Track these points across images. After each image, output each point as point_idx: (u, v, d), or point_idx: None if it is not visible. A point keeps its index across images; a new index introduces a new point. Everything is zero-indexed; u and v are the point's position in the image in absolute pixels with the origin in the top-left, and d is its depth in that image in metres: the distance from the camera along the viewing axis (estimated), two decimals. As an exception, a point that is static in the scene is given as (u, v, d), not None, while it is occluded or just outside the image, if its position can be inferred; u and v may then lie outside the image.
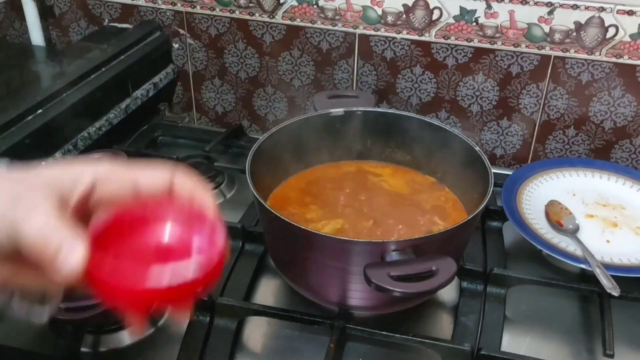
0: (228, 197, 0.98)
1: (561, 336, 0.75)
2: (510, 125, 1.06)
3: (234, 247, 0.83)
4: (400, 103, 1.09)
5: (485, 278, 0.79)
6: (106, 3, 1.15)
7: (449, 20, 1.00)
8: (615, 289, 0.72)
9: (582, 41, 0.96)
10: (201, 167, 1.00)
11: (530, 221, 0.85)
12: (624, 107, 1.00)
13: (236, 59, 1.13)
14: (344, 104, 0.88)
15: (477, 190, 0.75)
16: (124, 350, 0.72)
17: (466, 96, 1.06)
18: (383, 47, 1.05)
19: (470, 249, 0.82)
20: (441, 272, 0.60)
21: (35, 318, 0.49)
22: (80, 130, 0.95)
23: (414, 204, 0.82)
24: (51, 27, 1.21)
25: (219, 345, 0.70)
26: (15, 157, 0.82)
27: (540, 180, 0.94)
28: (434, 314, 0.77)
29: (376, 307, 0.73)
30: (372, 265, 0.61)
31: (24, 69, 1.07)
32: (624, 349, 0.72)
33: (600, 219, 0.88)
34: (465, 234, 0.73)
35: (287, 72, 1.12)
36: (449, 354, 0.69)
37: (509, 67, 1.01)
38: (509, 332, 0.74)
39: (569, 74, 0.99)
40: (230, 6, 1.08)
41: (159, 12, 1.13)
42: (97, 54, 1.04)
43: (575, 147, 1.06)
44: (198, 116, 1.22)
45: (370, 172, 0.88)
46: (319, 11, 1.05)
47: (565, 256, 0.79)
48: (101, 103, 1.00)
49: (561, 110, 1.03)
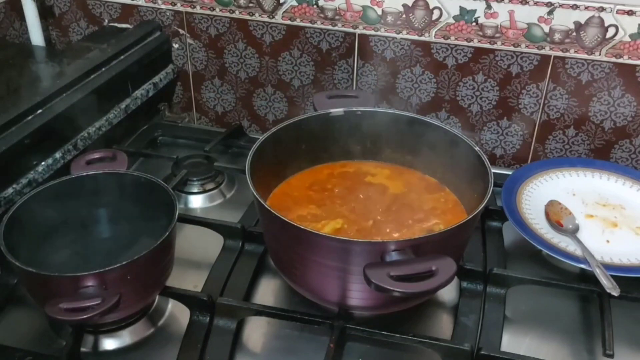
0: (228, 197, 0.98)
1: (561, 336, 0.75)
2: (510, 125, 1.07)
3: (234, 247, 0.83)
4: (400, 103, 1.09)
5: (485, 278, 0.79)
6: (106, 3, 1.15)
7: (449, 20, 1.00)
8: (615, 289, 0.72)
9: (582, 41, 0.96)
10: (201, 167, 1.00)
11: (530, 221, 0.85)
12: (624, 107, 1.00)
13: (236, 59, 1.13)
14: (344, 104, 0.88)
15: (477, 190, 0.75)
16: (124, 350, 0.72)
17: (466, 96, 1.06)
18: (383, 47, 1.05)
19: (470, 249, 0.82)
20: (441, 272, 0.60)
21: None
22: (80, 130, 0.95)
23: (414, 204, 0.82)
24: (51, 27, 1.21)
25: (219, 345, 0.70)
26: (15, 157, 0.82)
27: (540, 180, 0.94)
28: (434, 314, 0.77)
29: (376, 307, 0.73)
30: (372, 265, 0.61)
31: (24, 69, 1.07)
32: (624, 349, 0.72)
33: (600, 219, 0.88)
34: (465, 234, 0.73)
35: (287, 72, 1.12)
36: (448, 354, 0.69)
37: (508, 67, 1.01)
38: (509, 332, 0.74)
39: (569, 74, 0.99)
40: (230, 6, 1.08)
41: (159, 12, 1.13)
42: (97, 54, 1.04)
43: (575, 147, 1.06)
44: (198, 116, 1.22)
45: (370, 172, 0.88)
46: (319, 11, 1.05)
47: (565, 256, 0.79)
48: (101, 103, 1.00)
49: (561, 110, 1.03)
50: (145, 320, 0.75)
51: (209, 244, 0.83)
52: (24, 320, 0.76)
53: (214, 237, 0.84)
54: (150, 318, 0.75)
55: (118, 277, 0.65)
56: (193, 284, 0.78)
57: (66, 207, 0.76)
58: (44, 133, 0.86)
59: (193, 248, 0.85)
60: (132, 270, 0.66)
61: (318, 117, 0.86)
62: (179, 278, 0.77)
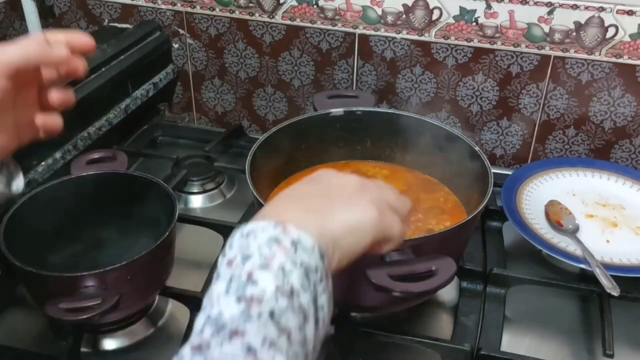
0: (228, 197, 0.98)
1: (561, 336, 0.75)
2: (510, 125, 1.06)
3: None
4: (400, 103, 1.09)
5: (485, 278, 0.79)
6: (106, 3, 1.15)
7: (449, 20, 1.00)
8: (615, 289, 0.72)
9: (582, 41, 0.96)
10: (201, 167, 1.00)
11: (530, 221, 0.85)
12: (624, 107, 1.00)
13: (236, 59, 1.13)
14: (343, 104, 0.88)
15: (477, 190, 0.75)
16: (124, 350, 0.72)
17: (466, 96, 1.06)
18: (383, 47, 1.05)
19: (470, 249, 0.82)
20: (441, 272, 0.60)
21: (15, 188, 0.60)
22: (80, 130, 0.95)
23: (414, 204, 0.82)
24: (51, 27, 1.21)
25: (219, 345, 0.70)
26: (15, 157, 0.82)
27: (540, 180, 0.94)
28: (434, 314, 0.77)
29: (376, 307, 0.73)
30: (372, 265, 0.61)
31: (24, 69, 1.07)
32: (623, 349, 0.72)
33: (600, 219, 0.88)
34: (465, 234, 0.73)
35: (287, 72, 1.12)
36: (448, 354, 0.69)
37: (508, 67, 1.01)
38: (509, 332, 0.74)
39: (569, 74, 0.99)
40: (230, 6, 1.08)
41: (159, 12, 1.13)
42: (97, 54, 1.03)
43: (575, 147, 1.06)
44: (198, 116, 1.22)
45: (369, 172, 0.88)
46: (319, 11, 1.05)
47: (565, 256, 0.79)
48: (101, 103, 1.00)
49: (561, 110, 1.03)
50: (145, 320, 0.75)
51: (209, 244, 0.83)
52: (24, 320, 0.76)
53: (214, 237, 0.84)
54: (150, 318, 0.75)
55: (118, 277, 0.65)
56: (193, 284, 0.78)
57: (66, 207, 0.76)
58: (44, 133, 0.86)
59: (193, 248, 0.85)
60: (132, 270, 0.66)
61: (318, 117, 0.86)
62: (179, 278, 0.77)
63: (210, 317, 0.40)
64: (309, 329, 0.41)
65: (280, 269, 0.41)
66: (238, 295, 0.40)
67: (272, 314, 0.39)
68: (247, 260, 0.42)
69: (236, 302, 0.40)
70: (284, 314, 0.40)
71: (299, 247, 0.43)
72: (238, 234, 0.45)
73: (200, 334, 0.39)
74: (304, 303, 0.41)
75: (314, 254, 0.43)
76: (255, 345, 0.38)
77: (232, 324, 0.38)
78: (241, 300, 0.40)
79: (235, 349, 0.37)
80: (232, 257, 0.43)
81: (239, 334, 0.38)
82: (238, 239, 0.44)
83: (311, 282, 0.42)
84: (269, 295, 0.40)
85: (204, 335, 0.39)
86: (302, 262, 0.42)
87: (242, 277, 0.41)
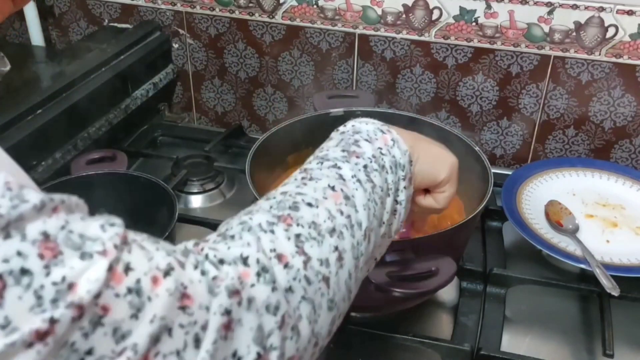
0: (228, 197, 0.98)
1: (561, 336, 0.75)
2: (510, 125, 1.07)
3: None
4: (400, 103, 1.09)
5: (485, 278, 0.79)
6: (106, 3, 1.15)
7: (449, 20, 1.00)
8: (615, 289, 0.72)
9: (581, 41, 0.96)
10: (201, 167, 1.00)
11: (530, 221, 0.85)
12: (624, 107, 1.00)
13: (236, 59, 1.13)
14: (343, 104, 0.88)
15: (477, 190, 0.75)
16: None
17: (466, 96, 1.06)
18: (383, 47, 1.05)
19: (470, 249, 0.82)
20: (441, 272, 0.60)
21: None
22: (80, 130, 0.95)
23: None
24: (51, 27, 1.21)
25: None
26: (15, 157, 0.82)
27: (540, 180, 0.94)
28: (434, 314, 0.77)
29: (376, 307, 0.73)
30: (372, 265, 0.61)
31: (24, 69, 1.07)
32: (623, 349, 0.72)
33: (600, 219, 0.88)
34: (465, 234, 0.73)
35: (287, 72, 1.12)
36: (448, 354, 0.69)
37: (508, 67, 1.01)
38: (509, 332, 0.74)
39: (569, 74, 0.99)
40: (230, 6, 1.08)
41: (159, 12, 1.13)
42: (97, 54, 1.04)
43: (575, 147, 1.06)
44: (198, 116, 1.22)
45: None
46: (319, 11, 1.05)
47: (565, 256, 0.79)
48: (101, 103, 1.00)
49: (561, 110, 1.03)
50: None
51: (209, 244, 0.83)
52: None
53: (214, 237, 0.84)
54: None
55: (118, 277, 0.65)
56: (193, 284, 0.78)
57: (66, 207, 0.76)
58: (43, 133, 0.86)
59: (193, 248, 0.84)
60: (132, 270, 0.66)
61: (318, 117, 0.86)
62: (179, 278, 0.77)
63: (317, 155, 0.50)
64: (389, 202, 0.49)
65: (379, 149, 0.50)
66: (344, 148, 0.50)
67: (365, 167, 0.48)
68: (357, 133, 0.52)
69: (341, 151, 0.50)
70: (373, 172, 0.48)
71: (396, 145, 0.51)
72: (352, 120, 0.54)
73: (307, 164, 0.50)
74: (389, 181, 0.49)
75: (405, 156, 0.51)
76: (346, 176, 0.47)
77: (333, 160, 0.48)
78: (345, 151, 0.49)
79: (330, 172, 0.47)
80: (345, 130, 0.53)
81: (337, 167, 0.48)
82: (352, 121, 0.54)
83: (398, 175, 0.50)
84: (367, 156, 0.49)
85: (310, 165, 0.49)
86: (395, 155, 0.51)
87: (350, 140, 0.51)
